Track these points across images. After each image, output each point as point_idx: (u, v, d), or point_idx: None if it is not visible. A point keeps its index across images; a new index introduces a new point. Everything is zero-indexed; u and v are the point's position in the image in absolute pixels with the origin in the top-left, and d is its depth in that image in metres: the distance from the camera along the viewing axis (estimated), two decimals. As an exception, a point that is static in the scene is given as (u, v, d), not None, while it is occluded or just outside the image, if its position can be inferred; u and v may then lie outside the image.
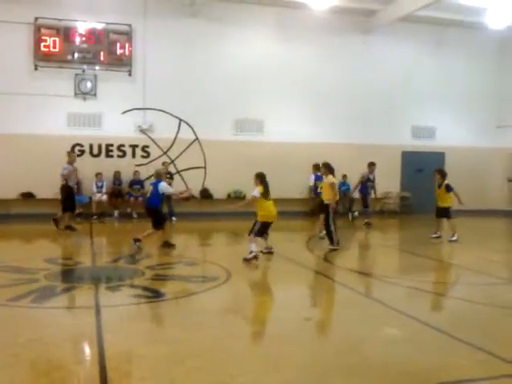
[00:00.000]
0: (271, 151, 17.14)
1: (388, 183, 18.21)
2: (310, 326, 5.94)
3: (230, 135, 17.34)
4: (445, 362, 4.77)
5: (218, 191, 17.02)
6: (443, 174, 12.67)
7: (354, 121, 18.12)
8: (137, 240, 10.20)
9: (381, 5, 17.15)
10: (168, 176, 16.16)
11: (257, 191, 9.46)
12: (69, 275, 8.51)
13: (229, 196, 17.09)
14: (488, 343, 5.18)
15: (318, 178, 13.71)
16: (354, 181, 16.60)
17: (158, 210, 10.75)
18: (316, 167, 14.81)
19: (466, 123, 19.31)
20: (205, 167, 17.04)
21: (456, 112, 19.22)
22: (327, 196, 10.97)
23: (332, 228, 10.73)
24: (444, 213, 12.56)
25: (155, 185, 10.63)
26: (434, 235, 12.48)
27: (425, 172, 17.13)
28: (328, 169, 11.18)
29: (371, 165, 15.46)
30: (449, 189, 12.48)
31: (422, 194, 16.39)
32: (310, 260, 10.09)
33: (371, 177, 15.52)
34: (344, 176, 17.80)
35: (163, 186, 10.59)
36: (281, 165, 16.81)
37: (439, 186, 12.64)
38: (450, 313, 6.76)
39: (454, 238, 12.05)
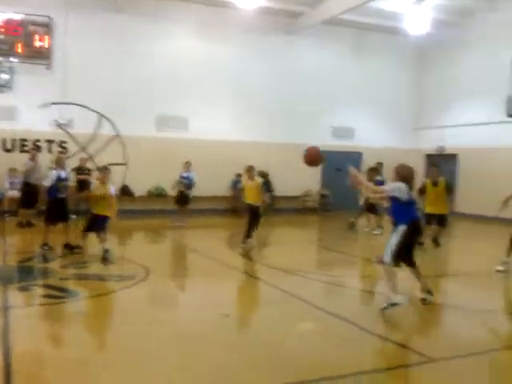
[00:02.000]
0: (195, 149, 17.00)
1: (308, 182, 18.59)
2: (228, 323, 5.93)
3: (153, 132, 17.07)
4: (355, 353, 4.92)
5: (139, 188, 16.70)
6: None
7: (278, 120, 18.37)
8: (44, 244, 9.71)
9: (306, 7, 17.43)
10: (85, 172, 15.71)
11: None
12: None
13: (150, 193, 16.83)
14: (396, 334, 5.39)
15: None
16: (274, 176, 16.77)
17: (49, 201, 9.92)
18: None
19: (384, 125, 20.05)
20: (126, 164, 16.62)
21: (375, 114, 19.90)
22: (255, 198, 10.83)
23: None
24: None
25: None
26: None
27: (343, 171, 17.61)
28: (254, 171, 11.15)
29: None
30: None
31: (341, 193, 16.84)
32: (230, 257, 10.10)
33: None
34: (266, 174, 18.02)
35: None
36: (205, 162, 16.73)
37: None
38: (364, 306, 6.97)
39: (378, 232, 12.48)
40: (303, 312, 6.46)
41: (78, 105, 15.78)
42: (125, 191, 16.52)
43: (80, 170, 15.82)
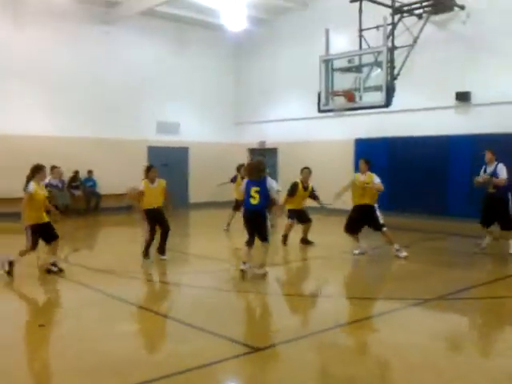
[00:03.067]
0: (5, 145, 15.49)
1: (135, 178, 18.03)
2: (45, 332, 5.42)
3: None
4: (184, 351, 4.78)
5: None
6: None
7: (100, 114, 17.47)
8: None
9: (121, -3, 16.85)
10: None
11: None
12: None
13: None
14: (220, 327, 5.36)
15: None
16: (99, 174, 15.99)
17: None
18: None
19: (208, 120, 20.25)
20: None
21: (199, 109, 19.99)
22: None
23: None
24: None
25: None
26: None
27: (170, 166, 17.52)
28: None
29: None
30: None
31: (169, 188, 16.65)
32: (46, 261, 9.32)
33: None
34: (89, 172, 17.16)
35: None
36: (16, 160, 15.27)
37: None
38: (189, 302, 6.85)
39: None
40: (128, 313, 6.16)
41: None
42: None
43: None
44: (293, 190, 10.57)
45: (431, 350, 4.79)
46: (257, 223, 7.76)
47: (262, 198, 7.63)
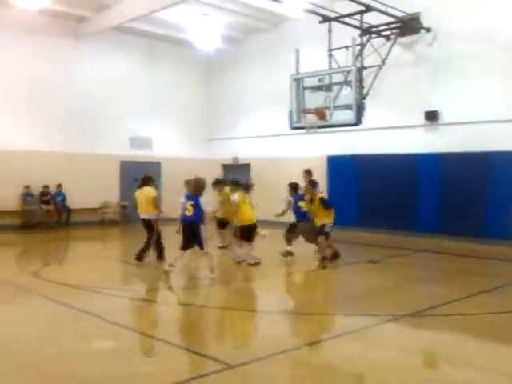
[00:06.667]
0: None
1: (106, 193, 18.00)
2: (12, 351, 5.34)
3: None
4: (157, 366, 4.80)
5: None
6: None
7: (71, 129, 17.40)
8: None
9: (91, 12, 16.83)
10: None
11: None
12: None
13: None
14: (194, 343, 5.40)
15: (300, 198, 10.85)
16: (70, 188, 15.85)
17: None
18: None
19: (180, 135, 20.32)
20: None
21: (171, 124, 20.07)
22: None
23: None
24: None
25: None
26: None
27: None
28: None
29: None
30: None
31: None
32: (19, 276, 9.21)
33: None
34: (58, 186, 17.01)
35: None
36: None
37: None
38: (161, 318, 6.87)
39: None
40: (97, 329, 6.13)
41: None
42: None
43: None
44: (329, 203, 10.27)
45: (405, 367, 4.91)
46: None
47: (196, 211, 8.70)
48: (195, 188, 8.90)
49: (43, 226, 15.92)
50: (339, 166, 16.25)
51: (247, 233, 10.00)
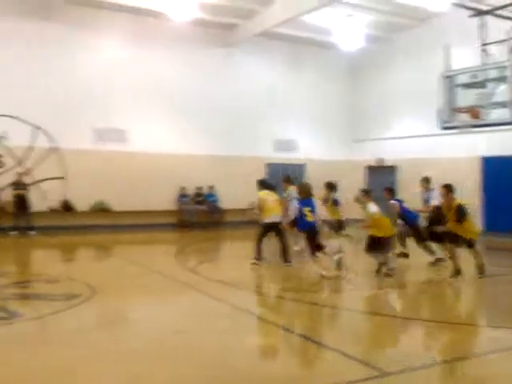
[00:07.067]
0: (136, 162, 16.79)
1: (252, 194, 18.66)
2: (178, 340, 5.83)
3: (91, 144, 16.63)
4: (314, 369, 4.94)
5: (81, 203, 16.27)
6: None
7: (219, 133, 18.39)
8: None
9: (240, 20, 17.61)
10: (22, 187, 15.19)
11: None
12: None
13: (92, 208, 16.41)
14: (350, 347, 5.46)
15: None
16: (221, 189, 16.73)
17: None
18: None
19: (325, 137, 20.49)
20: (63, 178, 16.08)
21: (315, 127, 20.32)
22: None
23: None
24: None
25: None
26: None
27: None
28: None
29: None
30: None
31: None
32: (179, 273, 9.97)
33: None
34: (210, 187, 18.01)
35: None
36: (147, 176, 16.59)
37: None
38: (319, 319, 7.03)
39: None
40: (255, 327, 6.45)
41: (9, 116, 15.20)
42: (65, 206, 16.08)
43: (17, 184, 15.30)
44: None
45: None
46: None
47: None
48: (305, 192, 9.28)
49: (197, 226, 17.00)
50: (496, 167, 15.25)
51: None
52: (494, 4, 12.85)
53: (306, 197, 9.31)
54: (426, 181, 11.32)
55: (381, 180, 17.46)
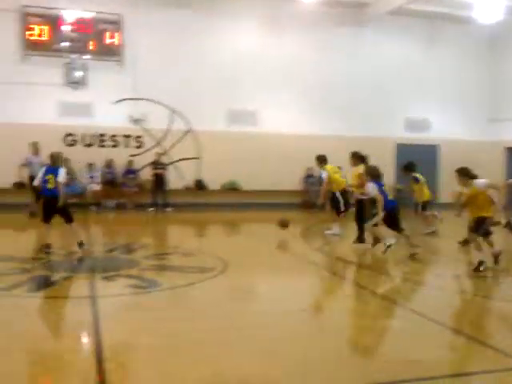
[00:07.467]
0: (265, 143, 17.13)
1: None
2: (307, 318, 5.90)
3: (224, 126, 17.26)
4: (443, 354, 4.74)
5: (212, 182, 17.00)
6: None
7: (348, 113, 18.14)
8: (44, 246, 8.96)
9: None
10: (160, 166, 16.16)
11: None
12: (64, 265, 8.43)
13: (223, 187, 17.07)
14: (486, 336, 5.17)
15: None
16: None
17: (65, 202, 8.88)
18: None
19: (459, 117, 19.36)
20: (198, 158, 16.96)
21: (449, 106, 19.27)
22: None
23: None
24: None
25: (53, 172, 8.74)
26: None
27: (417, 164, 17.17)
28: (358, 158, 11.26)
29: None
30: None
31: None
32: (308, 252, 10.07)
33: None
34: (339, 167, 17.83)
35: (62, 174, 8.77)
36: (275, 156, 16.87)
37: None
38: (448, 305, 6.73)
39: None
40: (384, 309, 6.34)
41: (150, 100, 16.23)
42: (199, 185, 16.91)
43: (156, 164, 16.31)
44: None
45: None
46: None
47: None
48: (373, 175, 9.24)
49: (321, 206, 16.88)
50: None
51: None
52: None
53: (372, 180, 9.11)
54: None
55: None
